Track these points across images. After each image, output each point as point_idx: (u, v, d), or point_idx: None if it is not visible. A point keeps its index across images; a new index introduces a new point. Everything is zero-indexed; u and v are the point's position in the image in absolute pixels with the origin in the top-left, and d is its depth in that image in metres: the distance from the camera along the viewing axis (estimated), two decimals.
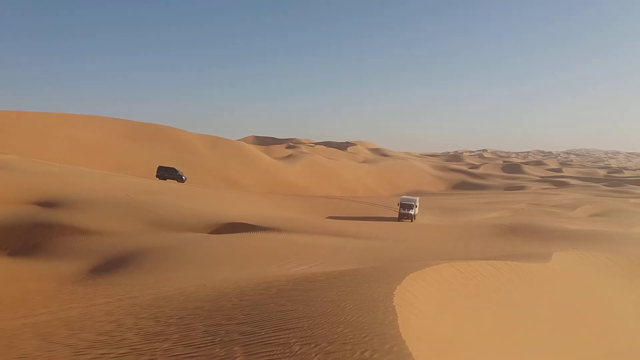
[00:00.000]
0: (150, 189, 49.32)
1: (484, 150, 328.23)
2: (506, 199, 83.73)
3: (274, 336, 9.06)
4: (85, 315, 14.52)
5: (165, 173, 69.37)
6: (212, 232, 34.57)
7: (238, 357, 8.19)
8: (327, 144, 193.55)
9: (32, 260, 27.64)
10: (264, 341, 8.85)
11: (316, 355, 7.68)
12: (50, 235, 31.13)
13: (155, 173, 70.02)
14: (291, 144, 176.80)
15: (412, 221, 51.83)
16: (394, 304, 10.88)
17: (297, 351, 7.99)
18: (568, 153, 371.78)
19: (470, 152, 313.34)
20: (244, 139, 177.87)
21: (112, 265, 25.60)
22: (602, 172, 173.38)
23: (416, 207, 54.00)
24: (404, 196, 56.76)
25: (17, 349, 11.10)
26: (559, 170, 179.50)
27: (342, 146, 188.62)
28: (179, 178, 69.11)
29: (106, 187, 45.62)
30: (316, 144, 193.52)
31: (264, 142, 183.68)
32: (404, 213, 52.63)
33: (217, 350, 8.81)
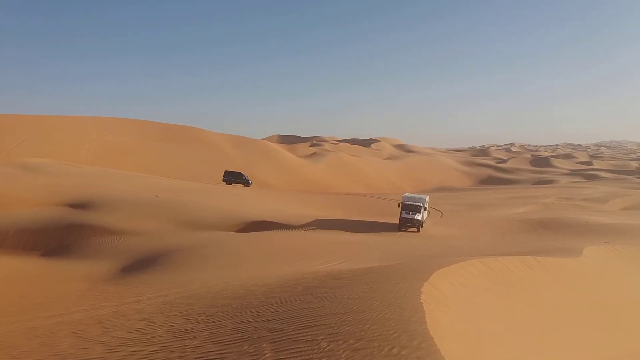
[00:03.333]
0: (177, 189, 50.07)
1: (512, 144, 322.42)
2: (535, 194, 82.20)
3: (302, 333, 9.10)
4: (116, 313, 14.84)
5: (232, 177, 70.26)
6: (238, 231, 34.90)
7: (267, 353, 8.25)
8: (351, 141, 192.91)
9: (65, 260, 28.37)
10: (292, 338, 8.89)
11: (344, 352, 7.69)
12: (81, 235, 31.90)
13: (222, 177, 70.97)
14: (315, 142, 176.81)
15: (418, 230, 37.42)
16: (421, 300, 10.81)
17: (325, 348, 8.01)
18: (598, 145, 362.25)
19: (498, 146, 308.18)
20: (268, 138, 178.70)
21: (141, 264, 26.08)
22: (634, 164, 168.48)
23: (424, 209, 38.87)
24: (407, 194, 40.72)
25: (51, 347, 11.41)
26: (589, 163, 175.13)
27: (366, 143, 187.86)
28: (246, 182, 69.88)
29: (135, 189, 46.49)
30: (340, 141, 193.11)
31: (288, 140, 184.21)
32: (407, 219, 37.28)
33: (245, 347, 8.90)
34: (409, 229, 37.63)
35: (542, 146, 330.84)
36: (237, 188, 65.09)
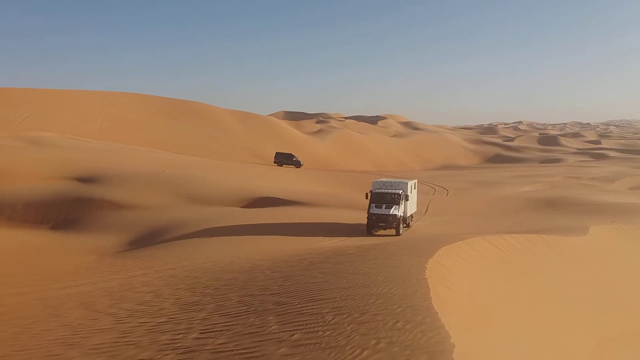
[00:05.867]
0: (183, 164, 50.16)
1: (520, 122, 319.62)
2: (542, 172, 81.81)
3: (307, 306, 9.20)
4: (124, 286, 15.04)
5: (283, 159, 71.63)
6: (244, 206, 35.04)
7: (272, 326, 8.36)
8: (358, 118, 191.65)
9: (73, 234, 28.67)
10: (298, 311, 9.00)
11: (349, 325, 7.78)
12: (89, 209, 32.15)
13: (273, 159, 72.21)
14: (321, 118, 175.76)
15: (397, 233, 25.62)
16: (425, 276, 10.88)
17: (330, 321, 8.10)
18: (607, 124, 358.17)
19: (506, 124, 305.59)
20: (274, 114, 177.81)
21: (149, 238, 26.33)
22: None
23: (406, 199, 26.67)
24: (378, 180, 28.64)
25: (61, 317, 11.61)
26: (598, 142, 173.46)
27: (373, 120, 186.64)
28: (297, 164, 71.15)
29: (141, 163, 46.61)
30: (346, 118, 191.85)
31: (294, 117, 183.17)
32: (378, 215, 25.60)
33: (252, 319, 9.01)
34: (381, 230, 26.00)
35: (550, 124, 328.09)
36: (244, 163, 65.20)
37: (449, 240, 15.91)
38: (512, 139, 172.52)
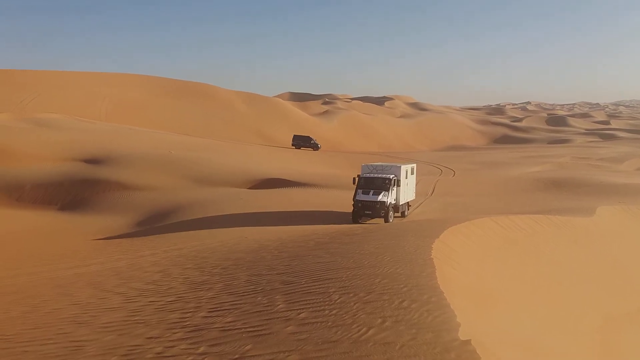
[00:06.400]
0: (190, 146, 50.24)
1: (528, 102, 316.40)
2: (550, 153, 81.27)
3: (314, 286, 9.26)
4: (133, 265, 15.18)
5: (301, 142, 73.31)
6: (251, 188, 35.16)
7: (280, 304, 8.43)
8: (364, 100, 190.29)
9: (81, 214, 28.94)
10: (304, 290, 9.06)
11: (355, 304, 7.82)
12: (96, 190, 32.40)
13: (291, 142, 73.71)
14: (327, 99, 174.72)
15: (387, 220, 23.28)
16: (431, 256, 10.89)
17: (337, 300, 8.15)
18: (617, 104, 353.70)
19: (514, 104, 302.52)
20: (280, 96, 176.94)
21: (156, 218, 26.51)
22: None
23: (397, 185, 24.23)
24: (369, 164, 25.95)
25: (71, 297, 11.76)
26: (607, 123, 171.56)
27: (380, 101, 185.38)
28: (314, 146, 72.85)
29: (148, 145, 46.73)
30: (353, 99, 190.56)
31: (300, 98, 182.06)
32: (365, 202, 23.32)
33: (259, 298, 9.09)
34: (369, 218, 23.79)
35: (558, 105, 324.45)
36: (250, 145, 65.17)
37: (455, 221, 15.90)
38: (520, 120, 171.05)
